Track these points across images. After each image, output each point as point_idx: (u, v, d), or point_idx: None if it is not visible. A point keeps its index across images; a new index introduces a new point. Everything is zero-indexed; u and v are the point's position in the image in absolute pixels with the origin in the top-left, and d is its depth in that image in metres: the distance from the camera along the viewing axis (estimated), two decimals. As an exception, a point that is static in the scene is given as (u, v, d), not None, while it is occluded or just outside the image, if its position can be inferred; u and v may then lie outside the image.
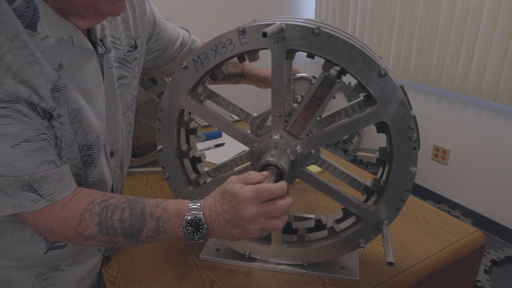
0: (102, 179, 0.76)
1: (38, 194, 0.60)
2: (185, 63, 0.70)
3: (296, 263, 0.79)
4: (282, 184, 0.63)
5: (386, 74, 0.60)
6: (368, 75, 0.61)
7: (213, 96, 0.77)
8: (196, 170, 0.83)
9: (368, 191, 0.75)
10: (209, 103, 0.79)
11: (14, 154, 0.57)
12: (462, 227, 0.92)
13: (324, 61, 0.64)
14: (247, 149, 0.75)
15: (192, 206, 0.65)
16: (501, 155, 2.20)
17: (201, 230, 0.63)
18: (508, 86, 2.01)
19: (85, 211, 0.64)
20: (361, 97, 0.69)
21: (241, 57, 0.69)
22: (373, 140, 3.02)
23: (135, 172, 1.22)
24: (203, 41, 1.03)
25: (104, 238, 0.64)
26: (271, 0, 3.08)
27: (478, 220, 2.38)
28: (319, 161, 0.75)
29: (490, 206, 2.33)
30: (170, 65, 0.97)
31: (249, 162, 0.77)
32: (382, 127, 0.68)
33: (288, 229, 0.82)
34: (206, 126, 1.57)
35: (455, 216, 2.41)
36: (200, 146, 1.41)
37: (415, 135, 0.64)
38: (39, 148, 0.59)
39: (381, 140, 2.68)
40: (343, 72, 0.66)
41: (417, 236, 0.89)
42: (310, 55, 0.64)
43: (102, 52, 0.70)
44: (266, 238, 0.80)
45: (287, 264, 0.80)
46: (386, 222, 0.70)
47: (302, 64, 3.34)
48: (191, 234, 0.64)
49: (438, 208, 2.33)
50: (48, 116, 0.61)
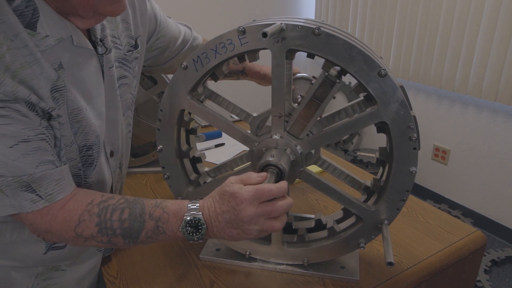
0: (101, 179, 0.76)
1: (37, 195, 0.60)
2: (185, 63, 0.70)
3: (296, 263, 0.79)
4: (282, 184, 0.63)
5: (386, 74, 0.60)
6: (368, 75, 0.61)
7: (213, 96, 0.77)
8: (196, 170, 0.83)
9: (368, 191, 0.75)
10: (209, 103, 0.79)
11: (12, 154, 0.57)
12: (462, 227, 0.92)
13: (324, 61, 0.64)
14: (247, 149, 0.75)
15: (191, 207, 0.64)
16: (501, 155, 2.20)
17: (200, 231, 0.63)
18: (508, 86, 2.01)
19: (84, 212, 0.63)
20: (361, 97, 0.69)
21: (241, 57, 0.69)
22: (373, 140, 3.02)
23: (135, 172, 1.22)
24: (205, 39, 1.03)
25: (103, 238, 0.64)
26: (271, 0, 3.08)
27: (478, 220, 2.38)
28: (319, 161, 0.75)
29: (490, 206, 2.33)
30: (171, 62, 0.97)
31: (249, 162, 0.77)
32: (382, 127, 0.68)
33: (288, 229, 0.82)
34: (206, 126, 1.57)
35: (455, 216, 2.41)
36: (200, 146, 1.41)
37: (415, 135, 0.64)
38: (38, 148, 0.59)
39: (381, 140, 2.68)
40: (343, 72, 0.66)
41: (417, 236, 0.89)
42: (310, 55, 0.64)
43: (102, 52, 0.70)
44: (266, 238, 0.80)
45: (287, 264, 0.79)
46: (386, 222, 0.70)
47: (302, 64, 3.34)
48: (190, 234, 0.63)
49: (438, 208, 2.33)
50: (47, 116, 0.61)
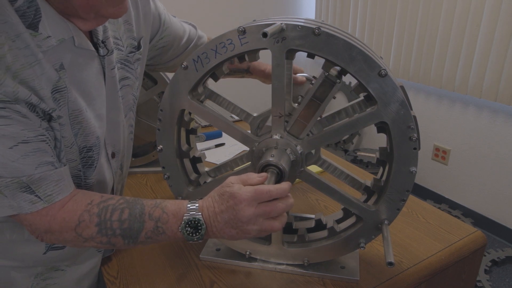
0: (102, 180, 0.76)
1: (36, 196, 0.60)
2: (185, 63, 0.70)
3: (296, 263, 0.79)
4: (282, 185, 0.63)
5: (386, 74, 0.60)
6: (368, 75, 0.61)
7: (213, 96, 0.77)
8: (196, 170, 0.83)
9: (368, 191, 0.75)
10: (209, 103, 0.79)
11: (12, 155, 0.56)
12: (462, 227, 0.92)
13: (324, 61, 0.64)
14: (247, 149, 0.75)
15: (190, 207, 0.64)
16: (501, 155, 2.20)
17: (200, 231, 0.63)
18: (508, 86, 2.01)
19: (84, 212, 0.63)
20: (361, 97, 0.69)
21: (241, 57, 0.69)
22: (373, 140, 3.02)
23: (136, 172, 1.22)
24: (210, 37, 1.03)
25: (103, 239, 0.64)
26: (271, 0, 3.08)
27: (479, 220, 2.38)
28: (320, 161, 0.75)
29: (490, 206, 2.33)
30: (175, 61, 0.97)
31: (249, 162, 0.77)
32: (382, 127, 0.68)
33: (288, 229, 0.82)
34: (206, 126, 1.57)
35: (456, 216, 2.41)
36: (200, 146, 1.41)
37: (416, 135, 0.64)
38: (38, 149, 0.59)
39: (381, 140, 2.68)
40: (344, 72, 0.65)
41: (417, 236, 0.89)
42: (310, 55, 0.64)
43: (104, 53, 0.69)
44: (266, 238, 0.80)
45: (287, 264, 0.79)
46: (386, 222, 0.70)
47: (302, 64, 3.34)
48: (190, 235, 0.63)
49: (439, 208, 2.33)
50: (47, 117, 0.61)
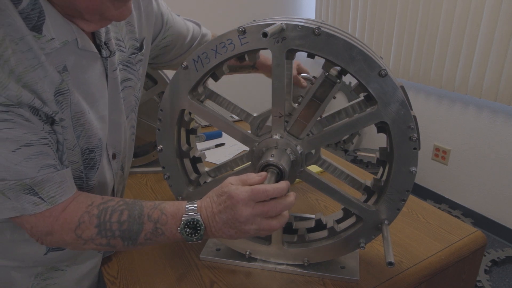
0: (103, 182, 0.76)
1: (39, 197, 0.60)
2: (185, 63, 0.70)
3: (296, 263, 0.79)
4: (279, 185, 0.63)
5: (386, 74, 0.60)
6: (368, 75, 0.61)
7: (213, 96, 0.77)
8: (196, 170, 0.83)
9: (368, 191, 0.75)
10: (209, 103, 0.79)
11: (15, 158, 0.57)
12: (462, 227, 0.92)
13: (324, 61, 0.64)
14: (247, 149, 0.75)
15: (189, 208, 0.64)
16: (501, 155, 2.20)
17: (199, 231, 0.63)
18: (508, 86, 2.01)
19: (84, 213, 0.64)
20: (361, 97, 0.69)
21: (241, 57, 0.69)
22: (373, 140, 3.02)
23: (136, 172, 1.22)
24: (214, 34, 1.03)
25: (102, 241, 0.64)
26: (271, 0, 3.08)
27: (479, 220, 2.38)
28: (320, 161, 0.75)
29: (490, 206, 2.33)
30: (179, 59, 0.97)
31: (249, 162, 0.77)
32: (382, 127, 0.68)
33: (288, 229, 0.82)
34: (206, 126, 1.57)
35: (456, 216, 2.41)
36: (200, 146, 1.41)
37: (416, 135, 0.64)
38: (40, 152, 0.59)
39: (381, 140, 2.68)
40: (344, 72, 0.65)
41: (417, 236, 0.89)
42: (311, 55, 0.64)
43: (107, 55, 0.70)
44: (266, 238, 0.80)
45: (287, 264, 0.79)
46: (386, 222, 0.70)
47: (302, 64, 3.34)
48: (189, 235, 0.63)
49: (439, 208, 2.33)
50: (50, 120, 0.61)
